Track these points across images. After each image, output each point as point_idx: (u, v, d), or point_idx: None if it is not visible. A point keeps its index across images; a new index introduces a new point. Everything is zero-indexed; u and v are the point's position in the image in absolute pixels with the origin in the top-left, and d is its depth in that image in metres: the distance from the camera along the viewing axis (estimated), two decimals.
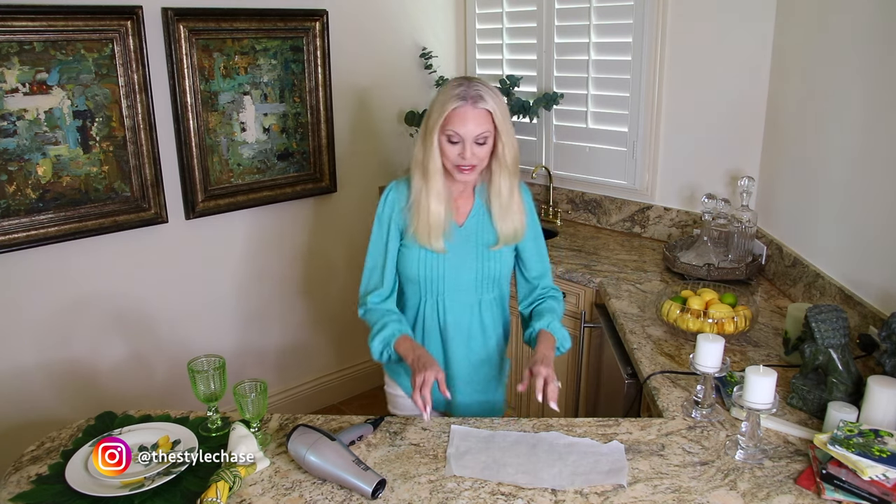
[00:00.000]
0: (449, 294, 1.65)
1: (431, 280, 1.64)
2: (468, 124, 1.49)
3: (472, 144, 1.50)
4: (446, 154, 1.53)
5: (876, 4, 1.78)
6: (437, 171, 1.54)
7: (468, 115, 1.49)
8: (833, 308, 1.51)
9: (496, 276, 1.68)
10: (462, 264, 1.64)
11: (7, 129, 2.23)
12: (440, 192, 1.56)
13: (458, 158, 1.52)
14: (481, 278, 1.66)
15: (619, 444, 1.40)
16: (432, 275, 1.63)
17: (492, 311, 1.71)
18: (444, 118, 1.49)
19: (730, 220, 2.38)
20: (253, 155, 2.83)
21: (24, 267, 2.36)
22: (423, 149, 1.55)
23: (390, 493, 1.25)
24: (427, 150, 1.54)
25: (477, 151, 1.51)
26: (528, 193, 1.70)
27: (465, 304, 1.67)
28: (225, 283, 2.88)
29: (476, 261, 1.64)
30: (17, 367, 2.41)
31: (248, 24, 2.68)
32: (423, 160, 1.55)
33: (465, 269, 1.64)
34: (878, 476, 1.20)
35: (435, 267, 1.63)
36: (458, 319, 1.67)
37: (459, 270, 1.64)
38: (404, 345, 1.57)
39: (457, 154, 1.51)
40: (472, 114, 1.49)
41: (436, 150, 1.53)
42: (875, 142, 1.78)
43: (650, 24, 2.62)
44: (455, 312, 1.67)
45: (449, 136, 1.51)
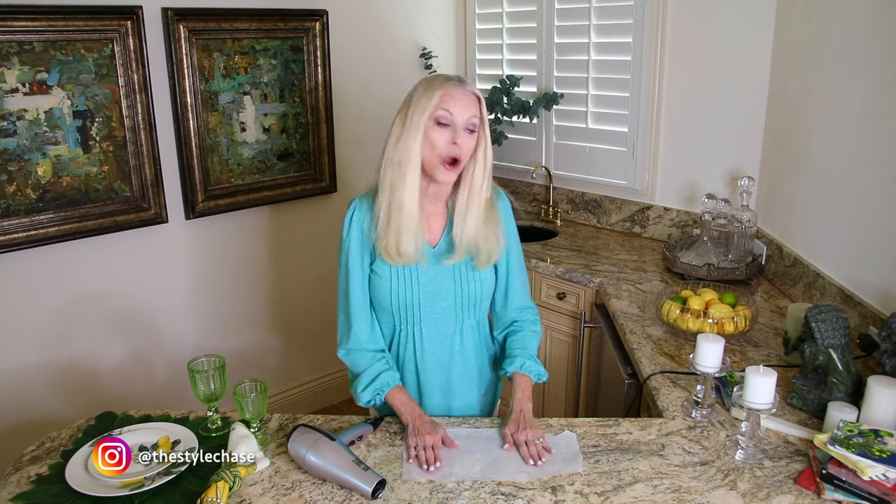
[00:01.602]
0: (426, 323, 1.53)
1: (406, 308, 1.50)
2: (460, 104, 1.40)
3: (463, 131, 1.41)
4: (434, 143, 1.40)
5: (876, 4, 1.78)
6: (416, 164, 1.41)
7: (460, 95, 1.41)
8: (833, 308, 1.51)
9: (476, 299, 1.54)
10: (438, 289, 1.51)
11: (7, 129, 2.23)
12: (415, 188, 1.42)
13: (448, 146, 1.40)
14: (460, 303, 1.53)
15: (570, 434, 1.43)
16: (406, 303, 1.50)
17: (474, 337, 1.59)
18: (435, 99, 1.40)
19: (730, 220, 2.38)
20: (253, 155, 2.83)
21: (24, 267, 2.36)
22: (401, 142, 1.42)
23: (390, 493, 1.25)
24: (408, 141, 1.41)
25: (466, 140, 1.41)
26: (507, 203, 1.59)
27: (444, 334, 1.55)
28: (225, 283, 2.88)
29: (454, 284, 1.51)
30: (17, 367, 2.41)
31: (248, 24, 2.68)
32: (400, 155, 1.42)
33: (441, 294, 1.51)
34: (878, 476, 1.20)
35: (409, 294, 1.49)
36: (437, 350, 1.55)
37: (435, 297, 1.51)
38: (399, 398, 1.48)
39: (447, 140, 1.40)
40: (463, 95, 1.41)
41: (419, 141, 1.40)
42: (875, 142, 1.78)
43: (650, 24, 2.62)
44: (433, 343, 1.55)
45: (440, 117, 1.40)
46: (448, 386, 1.60)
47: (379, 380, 1.49)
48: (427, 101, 1.41)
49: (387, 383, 1.49)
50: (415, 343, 1.55)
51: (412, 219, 1.43)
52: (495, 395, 1.73)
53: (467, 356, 1.60)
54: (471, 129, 1.43)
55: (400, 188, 1.42)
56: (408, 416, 1.44)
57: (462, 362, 1.59)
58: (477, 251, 1.49)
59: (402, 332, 1.55)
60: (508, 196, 1.61)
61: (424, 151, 1.42)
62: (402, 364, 1.58)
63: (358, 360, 1.52)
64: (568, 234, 2.95)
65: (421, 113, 1.41)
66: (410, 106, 1.44)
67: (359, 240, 1.50)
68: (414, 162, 1.41)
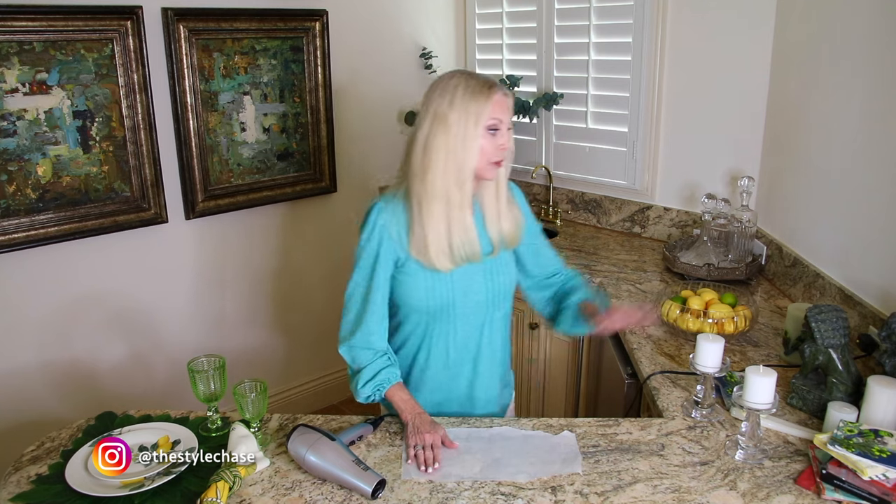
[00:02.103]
0: (459, 319, 1.52)
1: (442, 308, 1.49)
2: (506, 110, 1.41)
3: (506, 133, 1.42)
4: (486, 151, 1.40)
5: (876, 4, 1.78)
6: (472, 176, 1.41)
7: (504, 100, 1.41)
8: (833, 308, 1.51)
9: (505, 291, 1.56)
10: (471, 285, 1.50)
11: (7, 129, 2.23)
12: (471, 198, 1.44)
13: (497, 151, 1.41)
14: (491, 296, 1.54)
15: (570, 434, 1.43)
16: (442, 303, 1.49)
17: (501, 330, 1.61)
18: (488, 109, 1.38)
19: (730, 220, 2.38)
20: (253, 155, 2.83)
21: (24, 267, 2.36)
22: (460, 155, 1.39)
23: (390, 493, 1.25)
24: (467, 153, 1.39)
25: (509, 141, 1.43)
26: (518, 190, 1.62)
27: (474, 326, 1.55)
28: (225, 283, 2.88)
29: (484, 278, 1.52)
30: (17, 367, 2.41)
31: (248, 24, 2.68)
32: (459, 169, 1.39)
33: (473, 289, 1.51)
34: (878, 476, 1.20)
35: (445, 294, 1.48)
36: (467, 343, 1.55)
37: (468, 293, 1.50)
38: (399, 395, 1.48)
39: (497, 146, 1.41)
40: (505, 99, 1.41)
41: (476, 152, 1.39)
42: (875, 141, 1.78)
43: (650, 24, 2.62)
44: (464, 336, 1.55)
45: (492, 125, 1.39)
46: (474, 378, 1.60)
47: (380, 376, 1.48)
48: (478, 110, 1.38)
49: (387, 380, 1.48)
50: (447, 339, 1.54)
51: (472, 228, 1.45)
52: (511, 389, 1.75)
53: (494, 349, 1.60)
54: (509, 128, 1.45)
55: (458, 202, 1.42)
56: (407, 413, 1.44)
57: (489, 355, 1.59)
58: (511, 238, 1.54)
59: (434, 329, 1.53)
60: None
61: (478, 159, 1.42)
62: (429, 359, 1.56)
63: (360, 356, 1.50)
64: (568, 234, 2.95)
65: (475, 123, 1.38)
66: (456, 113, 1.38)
67: (386, 246, 1.46)
68: (470, 173, 1.41)
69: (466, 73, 1.44)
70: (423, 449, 1.34)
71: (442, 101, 1.40)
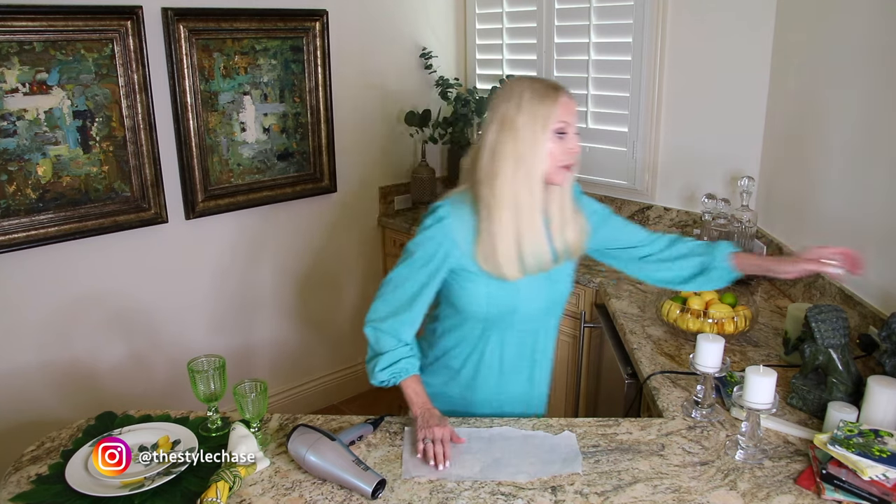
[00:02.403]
0: (517, 326, 1.50)
1: (501, 316, 1.47)
2: (573, 113, 1.39)
3: (574, 137, 1.39)
4: (555, 155, 1.37)
5: (876, 4, 1.78)
6: (542, 180, 1.38)
7: (570, 103, 1.38)
8: (833, 308, 1.51)
9: (562, 299, 1.55)
10: (533, 294, 1.47)
11: (7, 129, 2.23)
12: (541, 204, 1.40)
13: (565, 155, 1.37)
14: (549, 304, 1.51)
15: (570, 434, 1.43)
16: (502, 310, 1.46)
17: (553, 336, 1.60)
18: (555, 112, 1.35)
19: (730, 220, 2.38)
20: (253, 155, 2.83)
21: (24, 267, 2.36)
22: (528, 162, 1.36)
23: (390, 493, 1.25)
24: (538, 155, 1.35)
25: (577, 144, 1.40)
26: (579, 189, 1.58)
27: (529, 333, 1.53)
28: (225, 283, 2.88)
29: (545, 285, 1.48)
30: (17, 367, 2.41)
31: (248, 24, 2.68)
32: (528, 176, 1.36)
33: (535, 298, 1.48)
34: (878, 476, 1.20)
35: (506, 302, 1.45)
36: (521, 350, 1.54)
37: (530, 301, 1.47)
38: (413, 386, 1.46)
39: (565, 149, 1.37)
40: (571, 102, 1.39)
41: (544, 157, 1.36)
42: (875, 142, 1.78)
43: (650, 24, 2.62)
44: (519, 343, 1.53)
45: (560, 128, 1.36)
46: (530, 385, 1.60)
47: (399, 364, 1.46)
48: (546, 113, 1.36)
49: (406, 370, 1.46)
50: (501, 345, 1.52)
51: (543, 236, 1.41)
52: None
53: (547, 355, 1.61)
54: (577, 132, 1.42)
55: (528, 208, 1.38)
56: (417, 407, 1.43)
57: (543, 361, 1.60)
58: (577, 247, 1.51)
59: (491, 335, 1.51)
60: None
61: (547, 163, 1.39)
62: (480, 363, 1.54)
63: (385, 341, 1.48)
64: None
65: (543, 126, 1.36)
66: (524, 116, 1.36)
67: (447, 249, 1.42)
68: (539, 178, 1.38)
69: (531, 77, 1.42)
70: (432, 443, 1.34)
71: (508, 106, 1.37)
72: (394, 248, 3.28)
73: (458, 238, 1.41)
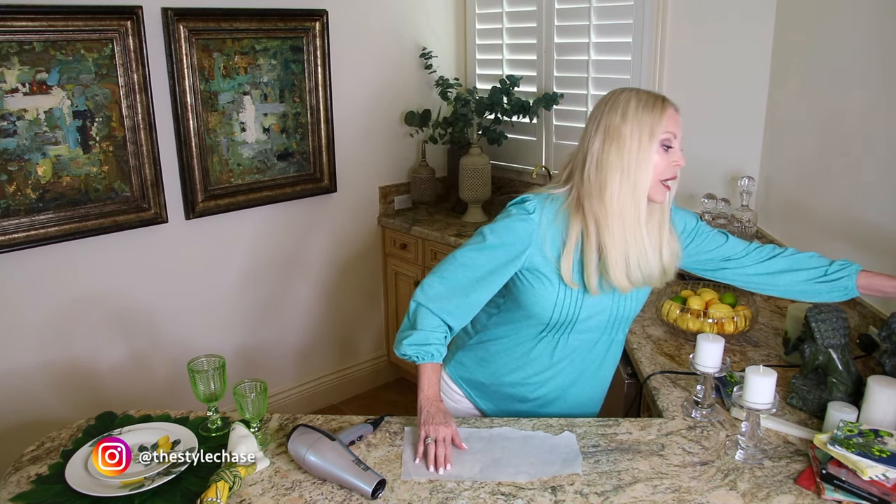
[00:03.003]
0: (574, 335, 1.46)
1: (561, 322, 1.43)
2: (679, 125, 1.35)
3: (679, 151, 1.35)
4: (660, 169, 1.33)
5: (876, 4, 1.78)
6: (646, 194, 1.34)
7: (676, 115, 1.35)
8: (833, 308, 1.51)
9: (628, 316, 1.50)
10: (597, 305, 1.43)
11: (7, 129, 2.23)
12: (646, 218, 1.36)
13: (670, 168, 1.34)
14: (613, 319, 1.47)
15: (570, 434, 1.43)
16: (565, 318, 1.43)
17: (614, 353, 1.55)
18: (663, 124, 1.32)
19: (730, 220, 2.38)
20: (253, 155, 2.83)
21: (24, 267, 2.36)
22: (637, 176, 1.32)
23: (390, 493, 1.25)
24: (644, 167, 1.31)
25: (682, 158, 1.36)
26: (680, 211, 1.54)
27: (589, 341, 1.49)
28: (225, 284, 2.88)
29: (612, 300, 1.44)
30: (17, 367, 2.41)
31: (248, 24, 2.68)
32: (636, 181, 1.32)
33: (599, 310, 1.44)
34: (878, 476, 1.20)
35: (573, 309, 1.42)
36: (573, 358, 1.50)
37: (594, 312, 1.44)
38: (430, 374, 1.42)
39: (669, 162, 1.34)
40: (677, 114, 1.35)
41: (650, 170, 1.32)
42: (874, 141, 1.78)
43: (650, 24, 2.62)
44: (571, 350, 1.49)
45: (665, 140, 1.33)
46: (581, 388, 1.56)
47: (429, 347, 1.40)
48: (652, 122, 1.32)
49: (432, 354, 1.41)
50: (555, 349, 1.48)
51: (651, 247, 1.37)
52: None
53: (606, 368, 1.57)
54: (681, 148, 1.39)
55: (634, 221, 1.34)
56: (425, 398, 1.39)
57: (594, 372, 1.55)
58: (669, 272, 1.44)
59: (546, 338, 1.48)
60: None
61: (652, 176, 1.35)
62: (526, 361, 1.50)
63: (426, 319, 1.41)
64: None
65: (650, 136, 1.32)
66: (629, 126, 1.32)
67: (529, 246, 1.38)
68: (643, 192, 1.34)
69: (636, 89, 1.38)
70: (434, 443, 1.32)
71: (614, 115, 1.33)
72: (394, 248, 3.28)
73: (544, 240, 1.37)
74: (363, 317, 3.38)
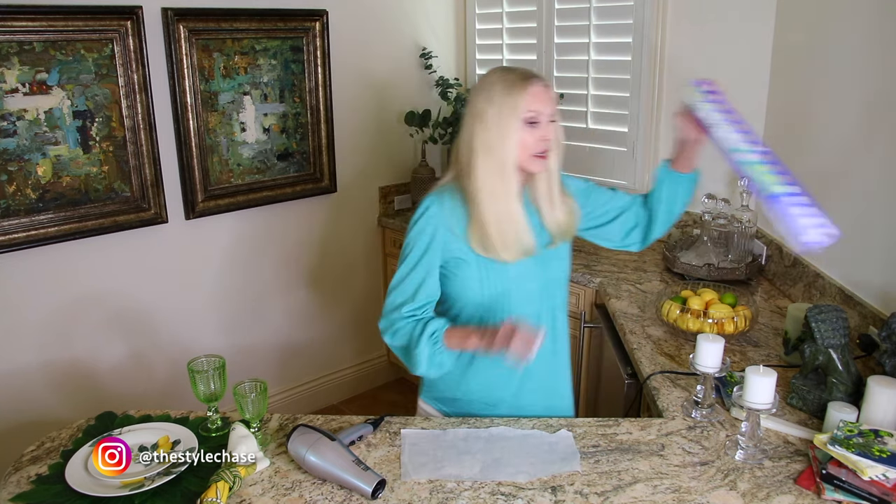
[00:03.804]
0: (515, 309, 1.50)
1: (496, 298, 1.49)
2: (545, 101, 1.39)
3: (548, 125, 1.40)
4: (525, 143, 1.39)
5: (876, 5, 1.78)
6: (514, 170, 1.41)
7: (542, 92, 1.39)
8: (833, 308, 1.51)
9: (558, 279, 1.56)
10: (524, 273, 1.49)
11: (7, 130, 2.23)
12: (518, 193, 1.43)
13: (538, 143, 1.40)
14: (545, 284, 1.53)
15: (567, 433, 1.43)
16: (497, 292, 1.48)
17: (561, 316, 1.60)
18: (523, 100, 1.37)
19: (730, 220, 2.38)
20: (253, 155, 2.83)
21: (24, 267, 2.36)
22: (497, 149, 1.39)
23: (390, 493, 1.25)
24: (505, 147, 1.39)
25: (552, 132, 1.41)
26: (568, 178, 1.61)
27: (532, 315, 1.52)
28: (225, 283, 2.88)
29: (537, 266, 1.51)
30: (17, 367, 2.41)
31: (248, 24, 2.68)
32: (498, 163, 1.40)
33: (528, 277, 1.50)
34: (878, 476, 1.20)
35: (499, 283, 1.48)
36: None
37: (523, 281, 1.50)
38: (458, 337, 1.42)
39: (538, 138, 1.39)
40: (544, 91, 1.40)
41: (514, 144, 1.39)
42: (874, 141, 1.78)
43: (650, 24, 2.62)
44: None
45: (530, 118, 1.38)
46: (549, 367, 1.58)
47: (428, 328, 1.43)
48: (514, 104, 1.38)
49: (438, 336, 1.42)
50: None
51: (521, 221, 1.44)
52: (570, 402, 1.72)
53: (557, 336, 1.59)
54: (553, 120, 1.43)
55: (504, 197, 1.42)
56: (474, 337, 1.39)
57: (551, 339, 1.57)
58: (569, 229, 1.54)
59: (488, 322, 1.50)
60: None
61: (518, 152, 1.42)
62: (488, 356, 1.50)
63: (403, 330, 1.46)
64: None
65: (510, 116, 1.38)
66: (493, 108, 1.39)
67: (440, 236, 1.46)
68: (511, 168, 1.41)
69: (505, 68, 1.45)
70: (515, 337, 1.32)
71: (479, 98, 1.42)
72: (394, 248, 3.28)
73: (450, 224, 1.45)
74: (363, 317, 3.38)
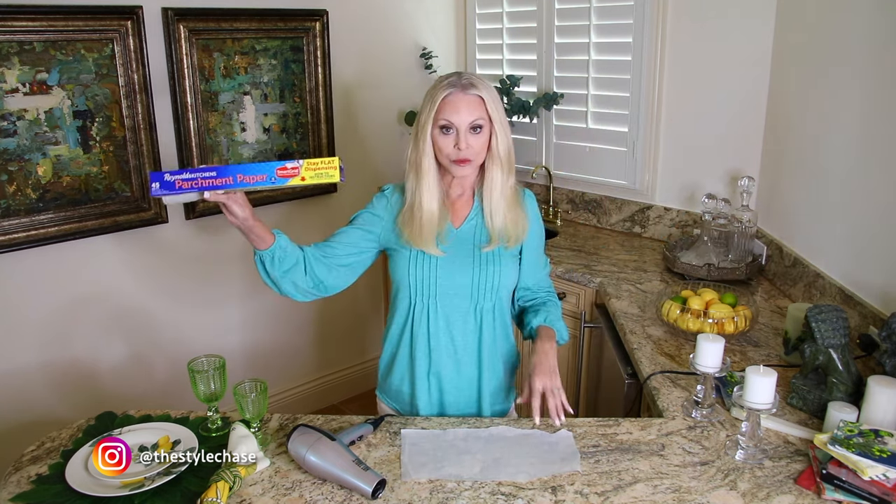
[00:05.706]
0: (441, 299, 1.55)
1: (422, 282, 1.54)
2: (461, 112, 1.44)
3: (467, 134, 1.45)
4: (440, 148, 1.47)
5: (876, 4, 1.78)
6: (430, 167, 1.49)
7: (460, 101, 1.44)
8: (833, 308, 1.51)
9: (494, 284, 1.56)
10: (457, 268, 1.54)
11: (7, 129, 2.23)
12: (433, 189, 1.50)
13: (453, 151, 1.46)
14: (477, 283, 1.55)
15: (567, 433, 1.43)
16: (423, 276, 1.54)
17: (491, 321, 1.59)
18: (436, 108, 1.45)
19: (730, 220, 2.38)
20: (253, 155, 2.83)
21: (24, 267, 2.36)
22: (415, 146, 1.50)
23: (390, 493, 1.25)
24: (420, 146, 1.49)
25: (472, 142, 1.45)
26: (533, 200, 1.65)
27: (459, 310, 1.56)
28: (225, 283, 2.88)
29: (472, 265, 1.55)
30: (17, 367, 2.41)
31: (248, 24, 2.68)
32: (416, 158, 1.50)
33: (459, 273, 1.54)
34: (878, 476, 1.20)
35: (427, 269, 1.54)
36: (450, 326, 1.56)
37: (454, 274, 1.54)
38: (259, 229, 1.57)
39: (452, 146, 1.45)
40: (464, 100, 1.44)
41: (429, 146, 1.48)
42: (875, 141, 1.78)
43: (650, 24, 2.62)
44: (447, 319, 1.56)
45: (443, 126, 1.45)
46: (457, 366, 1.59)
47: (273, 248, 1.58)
48: (430, 109, 1.47)
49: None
50: (428, 319, 1.56)
51: (432, 222, 1.51)
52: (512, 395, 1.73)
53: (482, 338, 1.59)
54: (476, 130, 1.46)
55: (419, 190, 1.51)
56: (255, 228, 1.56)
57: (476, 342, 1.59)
58: (507, 236, 1.56)
59: (418, 305, 1.57)
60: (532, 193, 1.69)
61: (436, 154, 1.50)
62: (415, 343, 1.58)
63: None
64: (568, 233, 2.95)
65: (426, 118, 1.47)
66: (420, 108, 1.50)
67: (376, 212, 1.57)
68: (427, 166, 1.50)
69: (448, 74, 1.50)
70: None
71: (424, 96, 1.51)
72: None
73: (390, 211, 1.57)
74: (363, 317, 3.38)
